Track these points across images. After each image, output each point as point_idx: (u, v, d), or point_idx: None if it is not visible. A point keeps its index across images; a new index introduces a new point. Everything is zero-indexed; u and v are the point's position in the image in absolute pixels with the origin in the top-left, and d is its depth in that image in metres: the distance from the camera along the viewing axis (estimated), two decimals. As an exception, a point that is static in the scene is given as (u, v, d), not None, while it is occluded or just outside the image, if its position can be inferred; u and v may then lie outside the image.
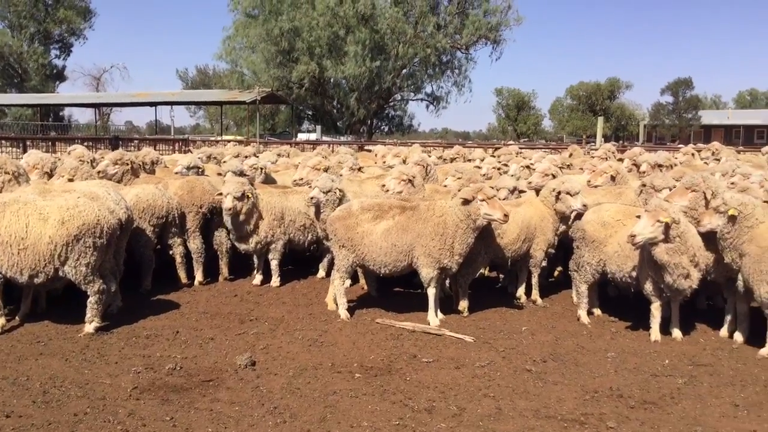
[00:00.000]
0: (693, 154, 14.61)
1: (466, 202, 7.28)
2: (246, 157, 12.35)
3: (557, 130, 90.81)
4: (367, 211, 7.65)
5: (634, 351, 6.74)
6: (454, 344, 6.88)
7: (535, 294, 8.54)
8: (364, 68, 41.63)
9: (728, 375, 6.08)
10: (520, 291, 8.57)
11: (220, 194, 8.57)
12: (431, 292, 7.45)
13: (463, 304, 7.93)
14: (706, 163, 13.92)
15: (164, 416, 5.09)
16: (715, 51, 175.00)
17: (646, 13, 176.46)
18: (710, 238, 6.89)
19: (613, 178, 10.08)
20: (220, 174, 10.64)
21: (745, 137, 72.65)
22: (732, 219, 6.60)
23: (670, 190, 7.97)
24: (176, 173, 10.34)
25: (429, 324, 7.35)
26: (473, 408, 5.32)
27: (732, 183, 8.93)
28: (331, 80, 44.33)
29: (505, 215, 7.16)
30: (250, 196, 8.56)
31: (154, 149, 17.67)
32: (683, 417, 5.20)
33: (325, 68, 42.94)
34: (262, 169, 10.79)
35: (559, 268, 9.80)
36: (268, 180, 10.99)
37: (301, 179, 9.97)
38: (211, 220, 9.27)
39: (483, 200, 7.22)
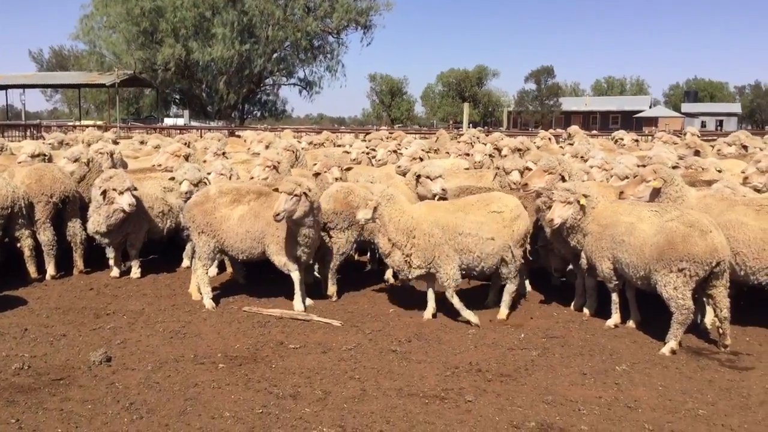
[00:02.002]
0: (550, 139, 15.42)
1: None
2: (89, 144, 11.60)
3: (429, 116, 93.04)
4: (225, 195, 7.48)
5: (493, 327, 7.03)
6: (321, 329, 6.88)
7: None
8: (233, 51, 40.52)
9: (578, 346, 6.47)
10: (389, 273, 8.69)
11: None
12: (295, 277, 7.36)
13: (332, 289, 7.94)
14: (561, 146, 14.73)
15: (9, 419, 4.75)
16: (575, 41, 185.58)
17: (511, 3, 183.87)
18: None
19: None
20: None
21: (602, 122, 77.69)
22: (582, 207, 6.94)
23: (519, 172, 8.37)
24: (20, 162, 9.58)
25: (296, 310, 7.29)
26: (338, 391, 5.34)
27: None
28: (199, 63, 42.72)
29: (276, 214, 6.77)
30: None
31: (2, 136, 16.34)
32: (536, 387, 5.48)
33: (192, 50, 41.36)
34: (110, 153, 10.21)
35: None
36: (123, 166, 10.46)
37: (160, 165, 9.57)
38: (63, 209, 8.70)
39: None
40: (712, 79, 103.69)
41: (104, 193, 8.06)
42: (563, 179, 7.63)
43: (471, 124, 47.57)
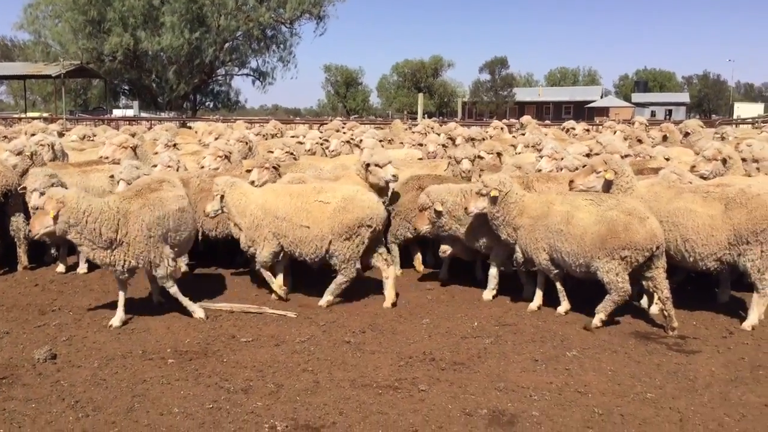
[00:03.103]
0: (502, 129, 15.54)
1: None
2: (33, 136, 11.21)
3: (385, 106, 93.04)
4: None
5: (448, 316, 7.05)
6: (275, 321, 6.80)
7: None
8: (183, 40, 39.67)
9: (530, 333, 6.53)
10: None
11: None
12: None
13: (279, 281, 7.81)
14: (514, 136, 14.86)
15: (-53, 422, 4.56)
16: (529, 32, 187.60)
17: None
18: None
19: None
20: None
21: (555, 113, 78.74)
22: (494, 200, 7.00)
23: (470, 161, 8.46)
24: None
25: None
26: (291, 384, 5.29)
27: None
28: (148, 53, 41.73)
29: None
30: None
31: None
32: (488, 374, 5.51)
33: (141, 40, 40.36)
34: (50, 145, 9.89)
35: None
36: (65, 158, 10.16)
37: (107, 158, 9.31)
38: (5, 204, 8.40)
39: None
40: (662, 69, 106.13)
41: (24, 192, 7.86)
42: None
43: (426, 115, 47.71)
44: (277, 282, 7.40)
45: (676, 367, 5.67)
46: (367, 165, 8.22)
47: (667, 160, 10.08)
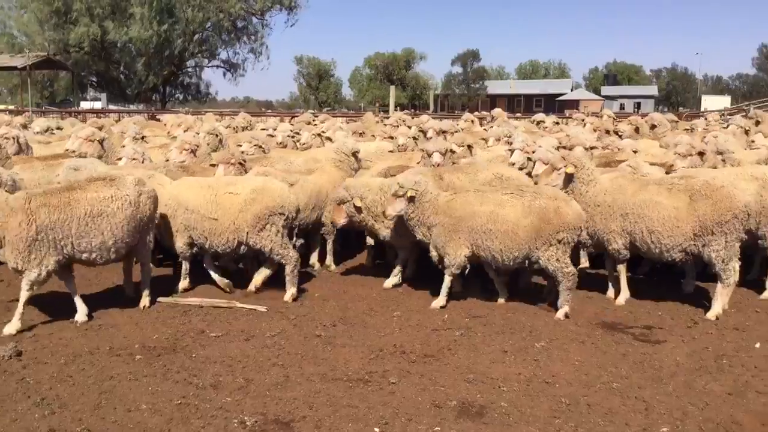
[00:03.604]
0: (473, 121, 15.59)
1: None
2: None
3: (357, 99, 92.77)
4: None
5: (419, 309, 7.07)
6: (245, 316, 6.77)
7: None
8: (151, 31, 39.02)
9: (499, 324, 6.58)
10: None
11: None
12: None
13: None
14: (485, 129, 14.93)
15: None
16: (501, 25, 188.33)
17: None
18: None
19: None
20: None
21: (526, 105, 79.12)
22: (411, 200, 7.01)
23: (441, 154, 8.51)
24: None
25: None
26: (261, 378, 5.27)
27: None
28: (117, 44, 41.01)
29: None
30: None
31: None
32: (458, 366, 5.55)
33: (108, 31, 39.64)
34: (14, 138, 9.70)
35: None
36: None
37: (73, 151, 9.15)
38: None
39: None
40: (631, 62, 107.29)
41: None
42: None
43: (398, 107, 47.66)
44: (218, 277, 7.43)
45: (642, 357, 5.77)
46: (355, 152, 8.27)
47: (635, 152, 10.21)
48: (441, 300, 7.09)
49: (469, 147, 9.95)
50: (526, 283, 7.67)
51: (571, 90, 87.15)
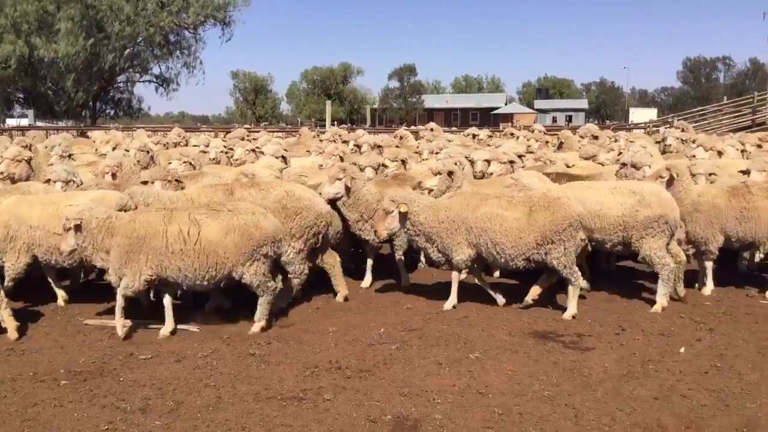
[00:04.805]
0: (402, 137, 15.73)
1: None
2: None
3: (295, 113, 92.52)
4: None
5: (355, 324, 7.04)
6: (176, 336, 6.61)
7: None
8: (78, 47, 37.82)
9: (434, 337, 6.61)
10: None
11: None
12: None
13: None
14: (419, 143, 15.05)
15: None
16: (436, 40, 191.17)
17: (373, 2, 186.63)
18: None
19: (341, 159, 10.52)
20: None
21: (462, 119, 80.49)
22: (78, 228, 6.59)
23: (373, 169, 8.61)
24: None
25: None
26: (192, 400, 5.15)
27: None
28: (44, 60, 39.60)
29: None
30: None
31: None
32: (394, 380, 5.55)
33: (35, 47, 38.28)
34: None
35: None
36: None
37: (2, 173, 8.80)
38: None
39: None
40: (562, 77, 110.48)
41: None
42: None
43: (336, 122, 47.72)
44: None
45: (572, 365, 5.89)
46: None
47: (569, 167, 10.48)
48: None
49: (403, 162, 10.03)
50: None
51: (506, 104, 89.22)
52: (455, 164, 8.41)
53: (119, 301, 6.45)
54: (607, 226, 7.52)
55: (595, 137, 15.15)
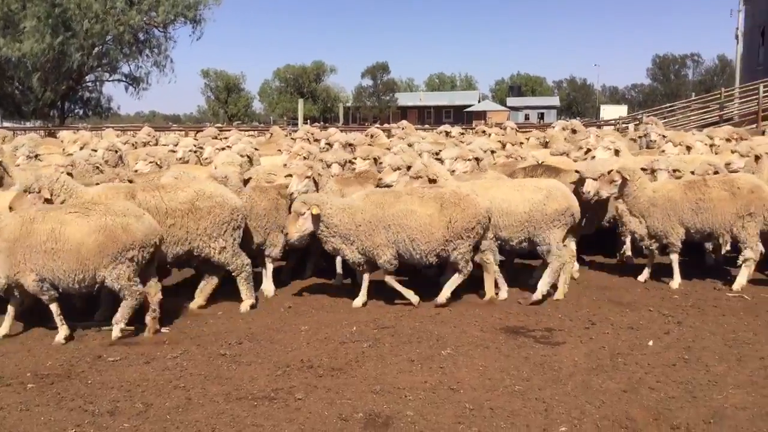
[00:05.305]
0: (374, 136, 15.72)
1: None
2: None
3: (268, 112, 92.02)
4: None
5: (327, 322, 7.02)
6: (145, 338, 6.53)
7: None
8: (45, 45, 37.16)
9: (407, 334, 6.62)
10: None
11: None
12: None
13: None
14: (391, 141, 15.07)
15: None
16: (409, 38, 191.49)
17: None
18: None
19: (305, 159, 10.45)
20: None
21: (436, 117, 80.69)
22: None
23: (340, 165, 8.66)
24: None
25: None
26: (161, 402, 5.09)
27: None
28: (10, 60, 38.84)
29: None
30: None
31: None
32: (366, 378, 5.55)
33: (0, 47, 37.55)
34: None
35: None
36: None
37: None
38: None
39: None
40: (534, 74, 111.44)
41: None
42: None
43: (309, 120, 47.52)
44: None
45: (542, 359, 5.94)
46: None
47: (540, 163, 10.55)
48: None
49: (375, 159, 10.01)
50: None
51: (479, 101, 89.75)
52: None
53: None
54: (515, 223, 7.69)
55: (574, 131, 15.36)
